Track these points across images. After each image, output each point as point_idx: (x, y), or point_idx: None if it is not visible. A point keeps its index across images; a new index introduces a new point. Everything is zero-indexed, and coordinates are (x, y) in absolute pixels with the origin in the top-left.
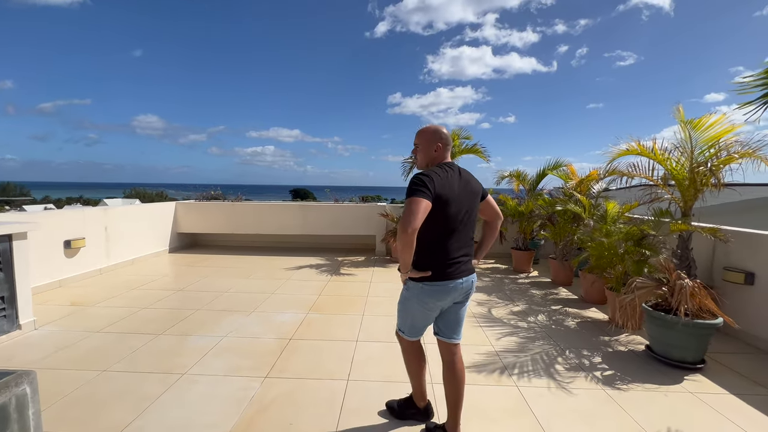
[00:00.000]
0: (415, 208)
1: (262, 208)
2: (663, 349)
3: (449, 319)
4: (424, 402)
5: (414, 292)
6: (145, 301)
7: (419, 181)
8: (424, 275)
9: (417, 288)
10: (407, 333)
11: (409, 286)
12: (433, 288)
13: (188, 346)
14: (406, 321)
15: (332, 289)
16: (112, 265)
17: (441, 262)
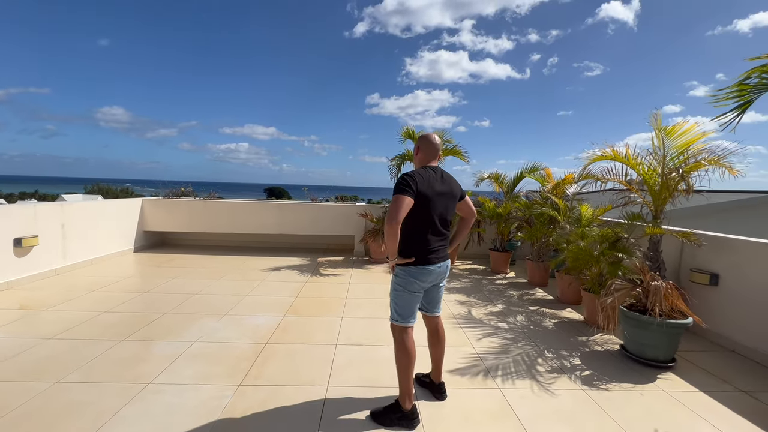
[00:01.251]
0: (399, 203)
1: (236, 206)
2: (637, 349)
3: (431, 297)
4: (410, 403)
5: (402, 276)
6: (106, 304)
7: (404, 180)
8: (408, 261)
9: (404, 273)
10: (402, 318)
11: (397, 273)
12: (417, 271)
13: (154, 353)
14: (399, 306)
15: (310, 290)
16: (70, 266)
17: (422, 249)
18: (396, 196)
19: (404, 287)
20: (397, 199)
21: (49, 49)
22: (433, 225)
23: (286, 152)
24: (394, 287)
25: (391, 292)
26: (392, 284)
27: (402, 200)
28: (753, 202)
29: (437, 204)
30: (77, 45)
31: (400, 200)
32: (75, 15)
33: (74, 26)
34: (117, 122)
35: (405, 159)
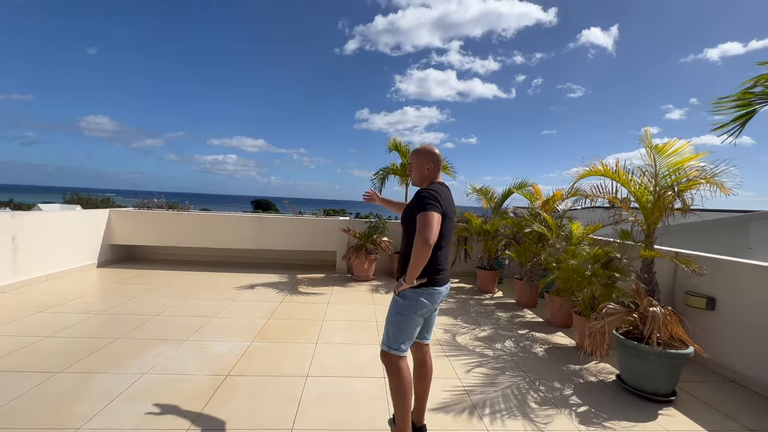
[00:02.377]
0: (432, 221)
1: (212, 219)
2: (634, 380)
3: (427, 322)
4: (420, 423)
5: (412, 300)
6: (52, 327)
7: (430, 195)
8: (422, 282)
9: (415, 295)
10: (403, 345)
11: (405, 295)
12: (430, 293)
13: (93, 388)
14: (403, 332)
15: (284, 311)
16: (20, 282)
17: (436, 269)
18: (426, 213)
19: (413, 311)
20: (431, 217)
21: (35, 56)
22: (447, 244)
23: (275, 165)
24: (398, 311)
25: (392, 317)
26: (396, 308)
27: (435, 218)
28: (727, 221)
29: (450, 222)
30: (65, 53)
31: (433, 218)
32: (65, 23)
33: (63, 34)
34: (101, 131)
35: (389, 173)
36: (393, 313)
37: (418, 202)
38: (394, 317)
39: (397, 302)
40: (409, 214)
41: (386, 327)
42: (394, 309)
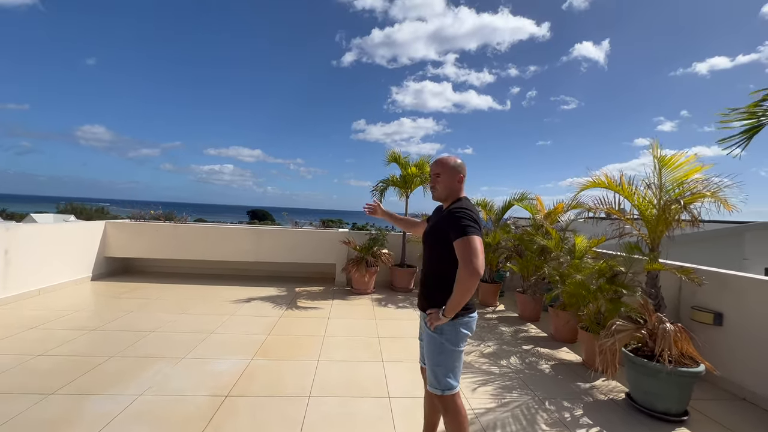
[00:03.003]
0: (478, 247)
1: (209, 231)
2: (645, 399)
3: None
4: None
5: (452, 334)
6: (44, 344)
7: (470, 217)
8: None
9: (454, 329)
10: (456, 382)
11: (443, 330)
12: (467, 321)
13: (86, 411)
14: (452, 370)
15: (284, 326)
16: (12, 297)
17: (474, 294)
18: (471, 238)
19: (456, 345)
20: (476, 242)
21: (34, 66)
22: None
23: (272, 175)
24: (441, 351)
25: (435, 358)
26: (437, 348)
27: (479, 243)
28: (722, 233)
29: None
30: (64, 63)
31: (478, 243)
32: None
33: (63, 45)
34: (97, 141)
35: (389, 184)
36: (435, 354)
37: (454, 224)
38: (438, 358)
39: (436, 340)
40: (437, 235)
41: (432, 370)
42: (435, 349)
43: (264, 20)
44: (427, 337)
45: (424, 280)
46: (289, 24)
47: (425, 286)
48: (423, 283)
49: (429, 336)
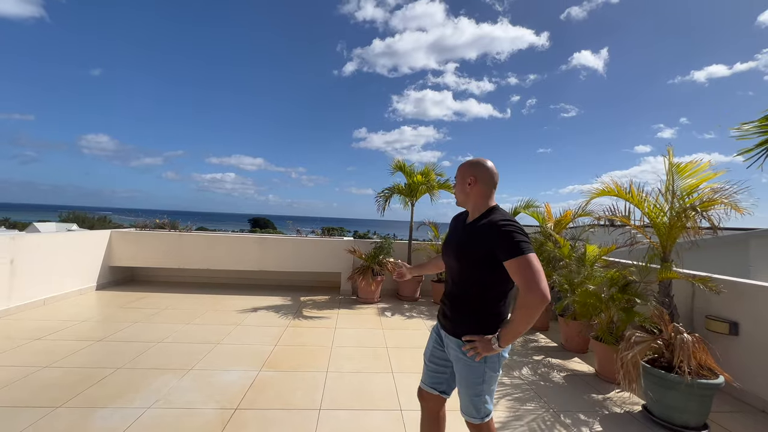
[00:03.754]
0: (538, 266)
1: (214, 240)
2: (663, 412)
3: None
4: None
5: (496, 359)
6: (49, 356)
7: (522, 231)
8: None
9: (500, 352)
10: (492, 407)
11: (488, 358)
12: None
13: (94, 426)
14: (492, 393)
15: (291, 336)
16: (16, 307)
17: (508, 313)
18: (530, 257)
19: (497, 370)
20: (536, 261)
21: (40, 77)
22: None
23: (273, 183)
24: (484, 380)
25: (475, 387)
26: (478, 376)
27: (538, 261)
28: (727, 239)
29: None
30: (70, 74)
31: (538, 261)
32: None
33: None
34: (101, 149)
35: (395, 192)
36: (476, 383)
37: (504, 241)
38: (479, 387)
39: (478, 369)
40: (473, 253)
41: (471, 400)
42: (476, 378)
43: (265, 32)
44: (465, 366)
45: (453, 302)
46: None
47: (456, 309)
48: (452, 306)
49: (467, 366)
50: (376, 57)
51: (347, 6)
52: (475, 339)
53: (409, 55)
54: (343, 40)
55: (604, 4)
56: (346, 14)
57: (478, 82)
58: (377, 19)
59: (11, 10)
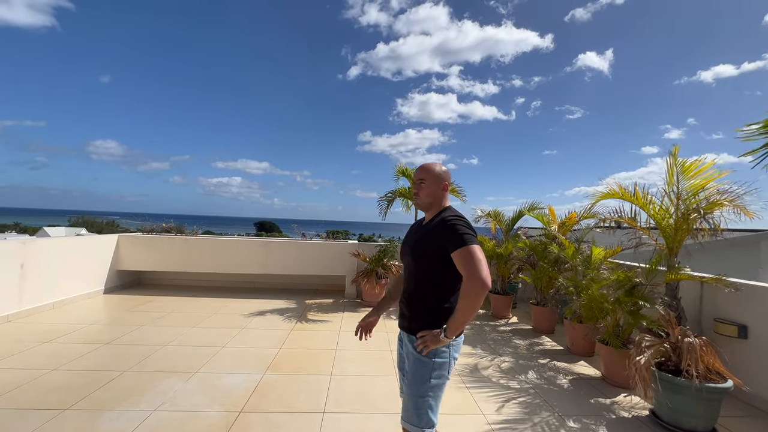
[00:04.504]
0: (480, 255)
1: (219, 243)
2: (671, 417)
3: None
4: None
5: (446, 358)
6: (58, 359)
7: (467, 225)
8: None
9: (449, 352)
10: (436, 419)
11: (437, 353)
12: (458, 344)
13: (100, 428)
14: (438, 402)
15: (296, 339)
16: (27, 311)
17: None
18: (472, 247)
19: (448, 372)
20: (479, 251)
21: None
22: None
23: (278, 186)
24: (432, 376)
25: (422, 387)
26: (427, 374)
27: (482, 252)
28: (737, 241)
29: None
30: (80, 81)
31: (480, 252)
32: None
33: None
34: (109, 155)
35: (397, 195)
36: (422, 382)
37: (451, 234)
38: (423, 387)
39: (427, 366)
40: (426, 249)
41: (415, 402)
42: (423, 376)
43: (270, 38)
44: (415, 364)
45: (409, 300)
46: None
47: (412, 306)
48: (409, 303)
49: (417, 362)
50: (380, 61)
51: (351, 11)
52: (425, 333)
53: (413, 59)
54: (347, 44)
55: (609, 5)
56: (350, 19)
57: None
58: (381, 23)
59: (24, 20)
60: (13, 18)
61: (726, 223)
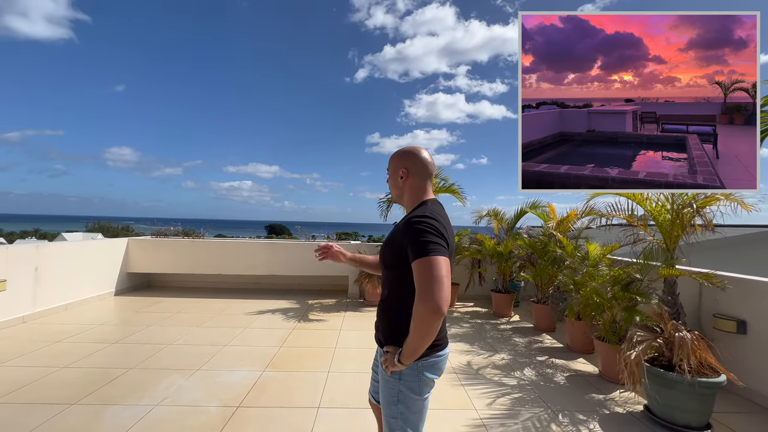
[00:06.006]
0: (441, 272)
1: (226, 245)
2: (664, 412)
3: None
4: None
5: (412, 379)
6: (68, 357)
7: (433, 230)
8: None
9: (415, 372)
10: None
11: (402, 375)
12: (433, 363)
13: (105, 422)
14: (417, 423)
15: (296, 338)
16: (40, 312)
17: (441, 327)
18: (431, 259)
19: (419, 393)
20: (438, 266)
21: (70, 94)
22: None
23: (288, 189)
24: (401, 398)
25: (391, 407)
26: (393, 395)
27: (443, 266)
28: (747, 238)
29: (452, 258)
30: (96, 90)
31: (441, 267)
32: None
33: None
34: (124, 162)
35: None
36: (391, 402)
37: (412, 239)
38: (393, 408)
39: (393, 386)
40: (391, 253)
41: (387, 422)
42: (391, 397)
43: (278, 43)
44: (383, 381)
45: (379, 307)
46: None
47: (380, 314)
48: (379, 311)
49: (384, 380)
50: (387, 63)
51: (358, 14)
52: (389, 350)
53: (420, 60)
54: (354, 47)
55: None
56: (357, 22)
57: (490, 84)
58: (387, 25)
59: (43, 33)
60: (32, 32)
61: (723, 218)
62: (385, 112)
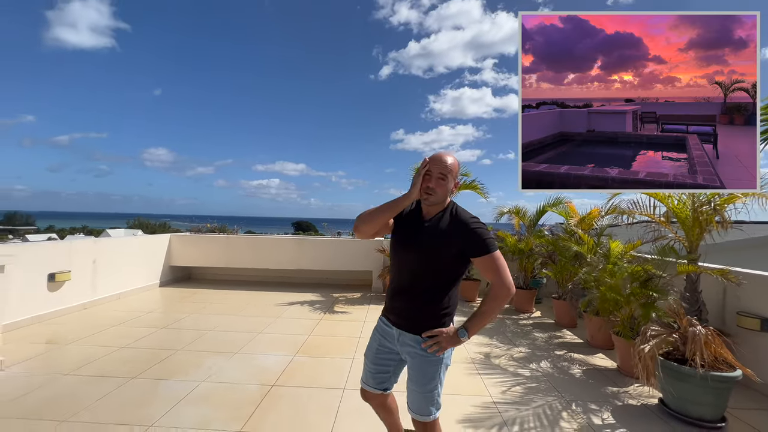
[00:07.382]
0: (505, 262)
1: (257, 241)
2: (678, 405)
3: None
4: None
5: (451, 350)
6: (125, 339)
7: (487, 229)
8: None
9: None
10: (441, 402)
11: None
12: None
13: (160, 393)
14: (442, 388)
15: (324, 328)
16: (98, 300)
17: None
18: (499, 253)
19: (450, 360)
20: (502, 256)
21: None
22: None
23: (314, 187)
24: (437, 375)
25: (434, 380)
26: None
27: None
28: None
29: None
30: (136, 94)
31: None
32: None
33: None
34: (160, 162)
35: None
36: (432, 377)
37: (476, 239)
38: (434, 381)
39: (436, 363)
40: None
41: (426, 397)
42: (433, 372)
43: (301, 45)
44: (424, 362)
45: (405, 297)
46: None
47: (410, 303)
48: (405, 300)
49: (425, 361)
50: (411, 59)
51: (382, 11)
52: (436, 333)
53: (445, 55)
54: (378, 44)
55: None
56: (381, 19)
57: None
58: (411, 20)
59: (88, 43)
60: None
61: (749, 215)
62: (410, 108)
